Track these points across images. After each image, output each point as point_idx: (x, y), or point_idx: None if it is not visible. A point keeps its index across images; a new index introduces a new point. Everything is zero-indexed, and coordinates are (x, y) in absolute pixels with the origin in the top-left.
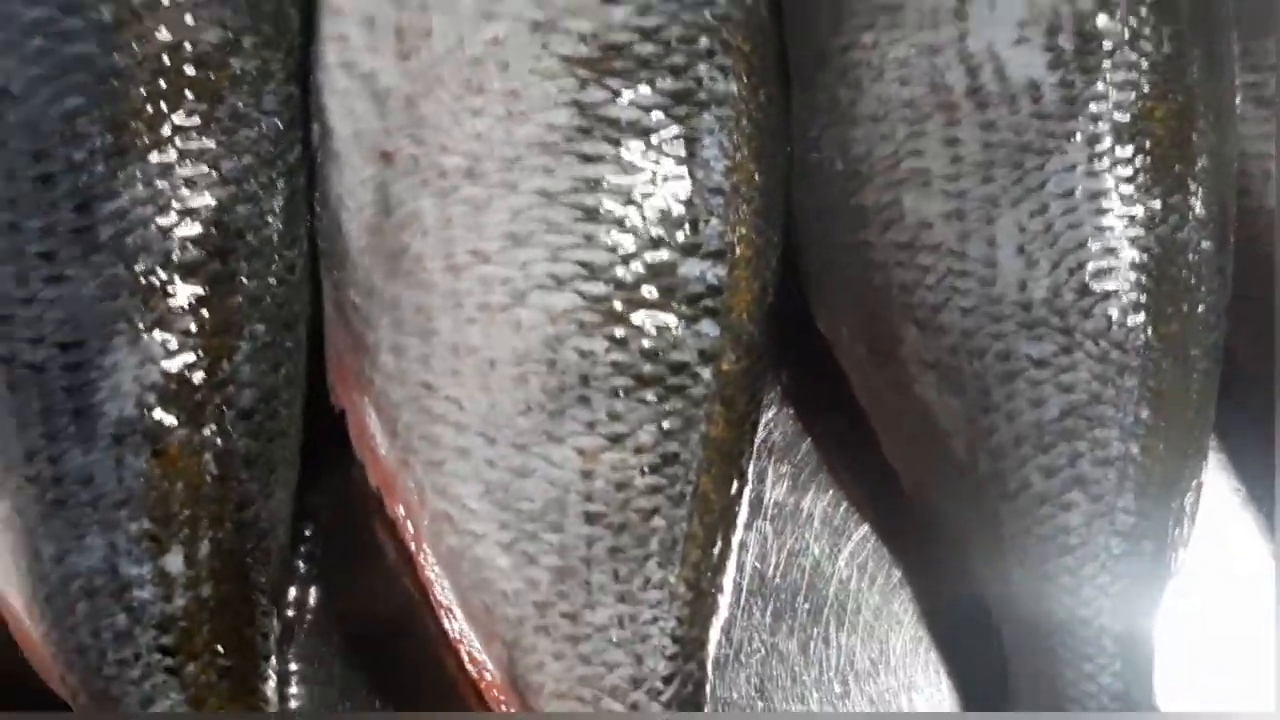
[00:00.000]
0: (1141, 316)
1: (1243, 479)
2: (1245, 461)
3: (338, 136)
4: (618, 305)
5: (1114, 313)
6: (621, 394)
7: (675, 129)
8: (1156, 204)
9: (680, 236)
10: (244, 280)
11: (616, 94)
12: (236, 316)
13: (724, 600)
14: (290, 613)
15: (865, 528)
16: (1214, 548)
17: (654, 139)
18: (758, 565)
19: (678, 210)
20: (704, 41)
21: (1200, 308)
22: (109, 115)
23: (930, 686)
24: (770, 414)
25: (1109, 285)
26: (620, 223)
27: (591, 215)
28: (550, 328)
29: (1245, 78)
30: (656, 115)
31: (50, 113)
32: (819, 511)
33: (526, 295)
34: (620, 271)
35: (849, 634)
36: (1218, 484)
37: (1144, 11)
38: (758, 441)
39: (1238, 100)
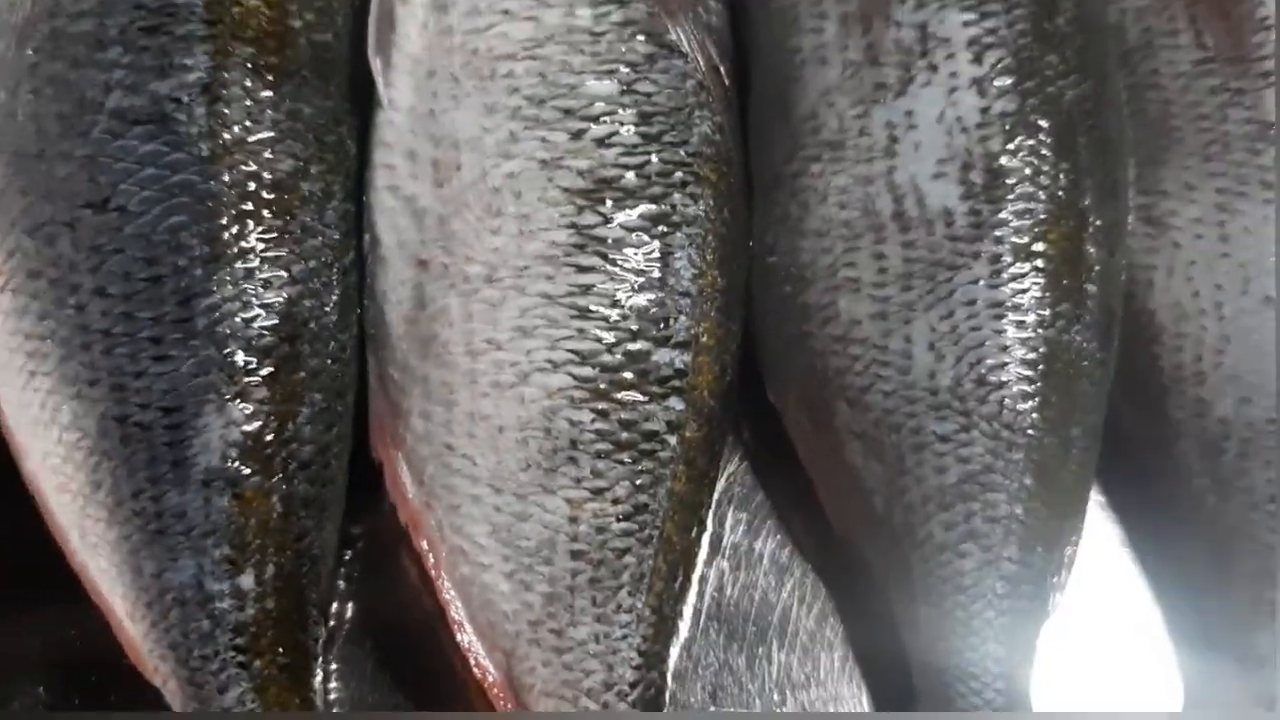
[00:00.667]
0: (1029, 403)
1: (1125, 530)
2: (1128, 516)
3: (384, 245)
4: (602, 385)
5: (1005, 399)
6: (603, 456)
7: (653, 245)
8: (1046, 311)
9: (654, 330)
10: (306, 359)
11: (607, 218)
12: (300, 388)
13: (684, 624)
14: (334, 623)
15: (806, 566)
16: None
17: (635, 253)
18: (715, 595)
19: (653, 310)
20: (678, 175)
21: (1081, 394)
22: (205, 229)
23: (853, 698)
24: (731, 469)
25: (1002, 377)
26: (606, 319)
27: (583, 313)
28: (547, 401)
29: (1138, 200)
30: (638, 234)
31: (159, 227)
32: (768, 552)
33: (529, 376)
34: (605, 358)
35: (788, 653)
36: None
37: (1044, 151)
38: (719, 493)
39: (1130, 219)
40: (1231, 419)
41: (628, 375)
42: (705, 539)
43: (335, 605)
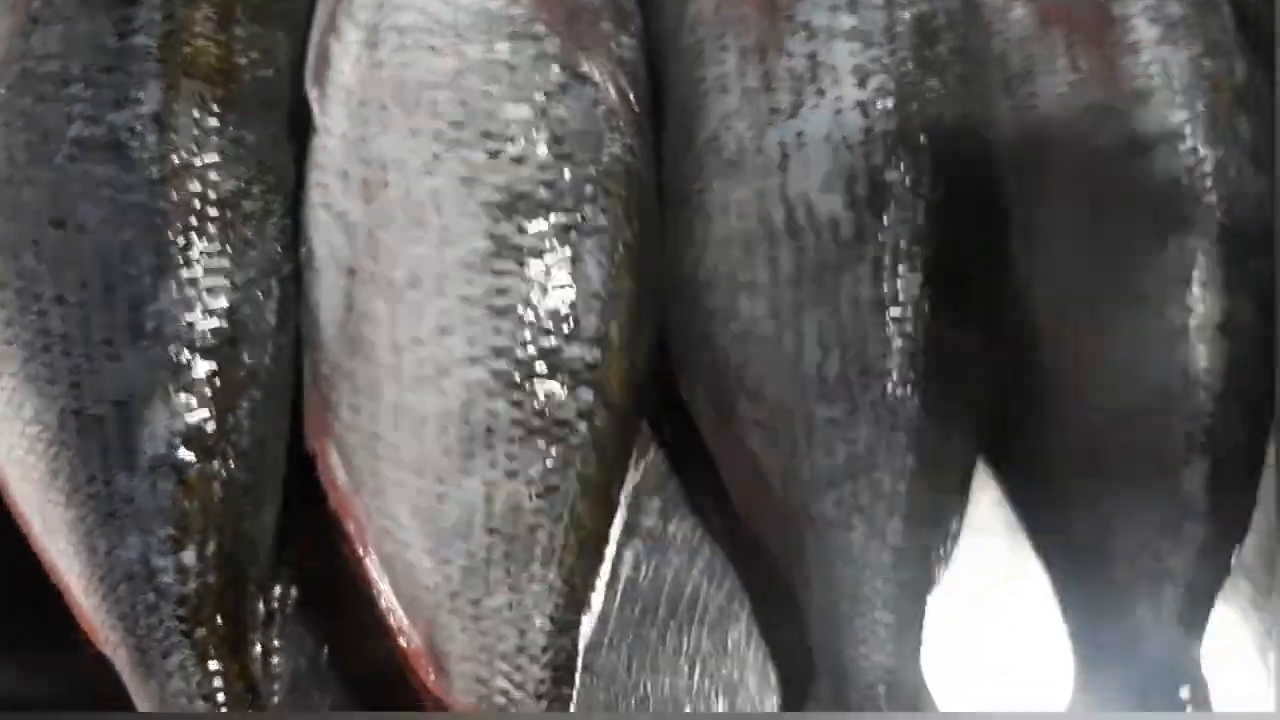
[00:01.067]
0: (908, 388)
1: (1013, 508)
2: (1015, 495)
3: (318, 256)
4: (517, 377)
5: (887, 386)
6: (516, 441)
7: (564, 251)
8: (926, 307)
9: (565, 328)
10: (246, 359)
11: (521, 229)
12: (239, 385)
13: (596, 596)
14: (276, 603)
15: (715, 547)
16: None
17: (548, 259)
18: (631, 574)
19: (564, 310)
20: (588, 189)
21: (960, 383)
22: (154, 243)
23: (758, 667)
24: (648, 458)
25: (884, 366)
26: (521, 319)
27: (500, 313)
28: (466, 394)
29: (1018, 209)
30: (550, 241)
31: (113, 242)
32: (680, 534)
33: (449, 370)
34: (519, 353)
35: (698, 627)
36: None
37: (924, 163)
38: (637, 481)
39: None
40: (1108, 408)
41: (540, 368)
42: (618, 520)
43: (277, 586)
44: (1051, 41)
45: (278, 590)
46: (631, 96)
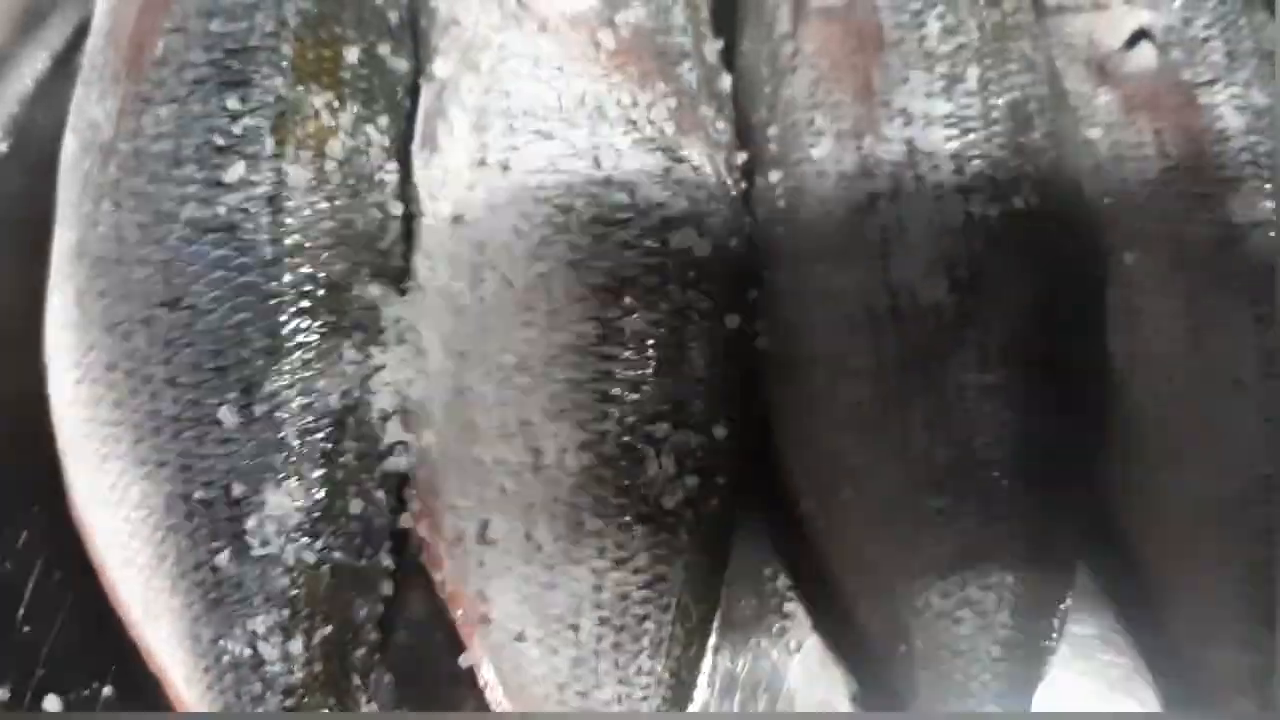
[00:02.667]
0: (1015, 479)
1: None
2: (1116, 583)
3: (426, 339)
4: (623, 464)
5: (995, 475)
6: (625, 529)
7: (669, 337)
8: (1030, 394)
9: (672, 414)
10: (353, 442)
11: (628, 313)
12: (350, 470)
13: (698, 687)
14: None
15: (813, 639)
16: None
17: (653, 344)
18: (729, 666)
19: (671, 395)
20: (691, 274)
21: (1065, 471)
22: (267, 325)
23: None
24: (744, 544)
25: (992, 455)
26: (628, 404)
27: (607, 398)
28: (573, 480)
29: (1114, 294)
30: (656, 328)
31: (225, 323)
32: (778, 624)
33: (558, 456)
34: (627, 439)
35: None
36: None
37: (1025, 249)
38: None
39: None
40: (1210, 496)
41: (648, 454)
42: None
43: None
44: (1139, 129)
45: (384, 678)
46: (729, 180)
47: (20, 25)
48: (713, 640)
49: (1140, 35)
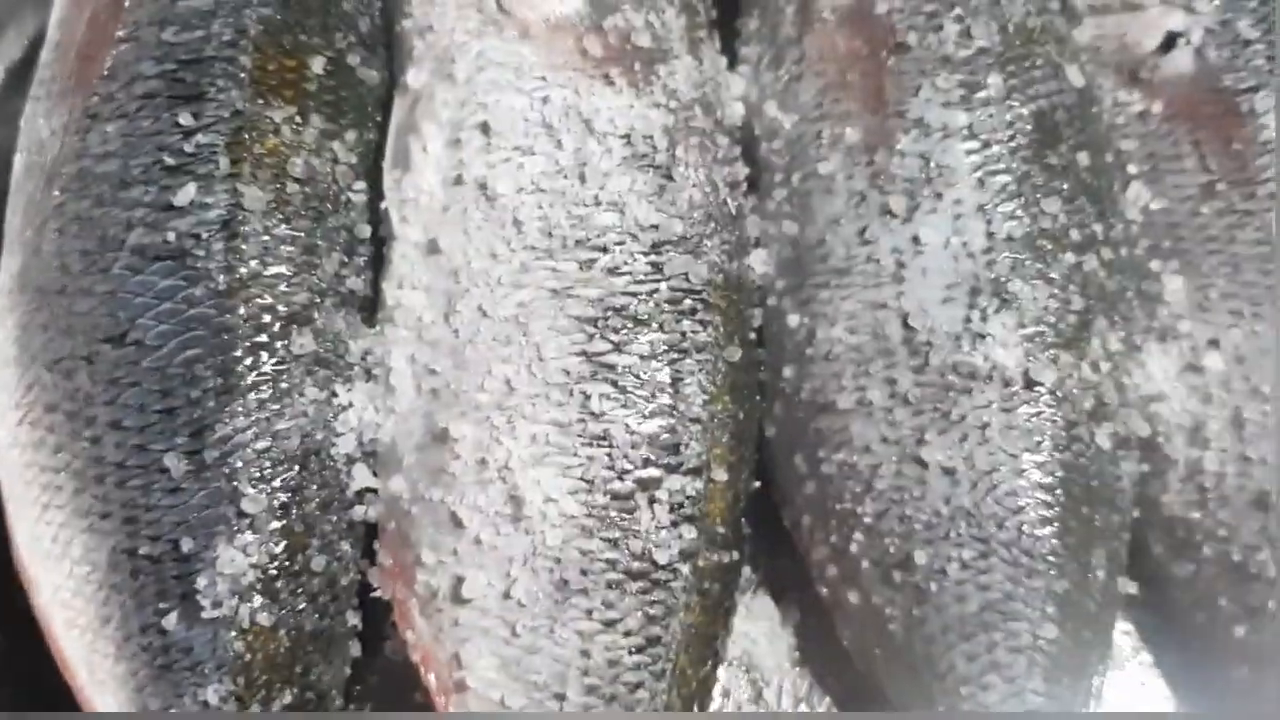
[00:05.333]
0: (1047, 529)
1: (1154, 657)
2: (1157, 643)
3: (396, 373)
4: (612, 513)
5: (1024, 525)
6: (614, 586)
7: (663, 371)
8: (1063, 435)
9: (665, 457)
10: (315, 490)
11: (617, 346)
12: (309, 522)
13: None
14: None
15: (827, 700)
16: None
17: (645, 379)
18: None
19: (664, 436)
20: (688, 303)
21: (1100, 519)
22: (219, 362)
23: None
24: (745, 599)
25: (1019, 503)
26: (617, 447)
27: (593, 440)
28: (557, 531)
29: (1148, 319)
30: (648, 361)
31: (174, 360)
32: (788, 685)
33: (539, 505)
34: (615, 485)
35: None
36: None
37: (1051, 274)
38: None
39: (1140, 339)
40: (1257, 542)
41: (639, 503)
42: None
43: None
44: (1176, 139)
45: None
46: (728, 198)
47: None
48: (713, 706)
49: (1175, 38)
